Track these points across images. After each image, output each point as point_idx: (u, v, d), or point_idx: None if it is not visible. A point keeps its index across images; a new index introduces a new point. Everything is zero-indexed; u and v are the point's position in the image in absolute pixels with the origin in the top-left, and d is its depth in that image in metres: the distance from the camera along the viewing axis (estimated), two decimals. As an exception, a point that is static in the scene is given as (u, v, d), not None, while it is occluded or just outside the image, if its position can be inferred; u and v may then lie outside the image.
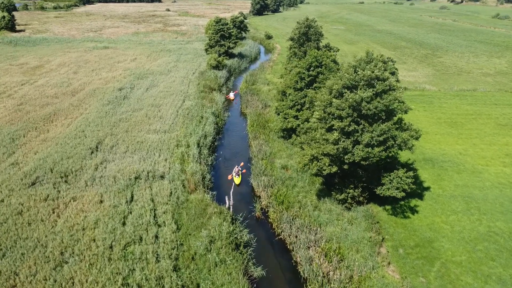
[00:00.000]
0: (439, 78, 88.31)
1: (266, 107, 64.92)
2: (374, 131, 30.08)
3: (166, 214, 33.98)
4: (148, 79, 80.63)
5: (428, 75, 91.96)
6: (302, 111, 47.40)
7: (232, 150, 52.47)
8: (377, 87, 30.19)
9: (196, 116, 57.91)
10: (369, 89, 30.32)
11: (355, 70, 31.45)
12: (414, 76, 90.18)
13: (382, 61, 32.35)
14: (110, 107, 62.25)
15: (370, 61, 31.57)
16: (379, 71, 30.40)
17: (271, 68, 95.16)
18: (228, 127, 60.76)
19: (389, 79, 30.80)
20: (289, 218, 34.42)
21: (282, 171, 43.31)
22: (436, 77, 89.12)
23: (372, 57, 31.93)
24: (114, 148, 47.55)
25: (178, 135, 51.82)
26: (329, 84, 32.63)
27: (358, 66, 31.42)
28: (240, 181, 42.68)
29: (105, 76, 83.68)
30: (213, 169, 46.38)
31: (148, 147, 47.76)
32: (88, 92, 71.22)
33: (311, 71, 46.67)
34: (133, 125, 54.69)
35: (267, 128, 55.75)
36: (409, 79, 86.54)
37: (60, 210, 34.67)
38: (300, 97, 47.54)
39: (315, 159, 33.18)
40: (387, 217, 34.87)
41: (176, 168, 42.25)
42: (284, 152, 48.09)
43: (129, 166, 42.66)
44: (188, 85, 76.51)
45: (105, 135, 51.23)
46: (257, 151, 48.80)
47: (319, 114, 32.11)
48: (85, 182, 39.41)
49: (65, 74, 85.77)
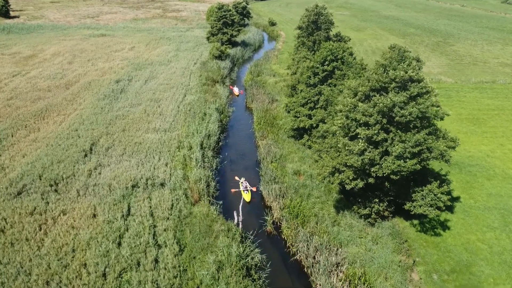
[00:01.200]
0: (454, 69, 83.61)
1: (273, 102, 60.60)
2: (407, 141, 25.94)
3: (167, 232, 30.08)
4: (147, 70, 76.07)
5: (442, 65, 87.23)
6: (316, 110, 43.14)
7: (238, 151, 48.39)
8: (412, 89, 25.94)
9: (199, 113, 53.66)
10: (402, 92, 26.08)
11: (385, 70, 27.13)
12: (427, 66, 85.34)
13: (416, 59, 27.98)
14: (106, 102, 57.96)
15: (402, 59, 27.22)
16: (414, 71, 26.11)
17: (276, 58, 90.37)
18: (233, 124, 56.55)
19: (425, 80, 26.52)
20: (305, 236, 30.52)
21: (295, 177, 39.30)
22: (451, 68, 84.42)
23: (404, 54, 27.55)
24: (109, 150, 43.47)
25: (179, 134, 47.67)
26: (353, 86, 28.35)
27: (388, 65, 27.09)
28: (250, 197, 37.95)
29: (101, 67, 79.07)
30: (218, 173, 42.37)
31: (147, 149, 43.68)
32: (83, 84, 66.80)
33: (326, 65, 42.24)
34: (131, 123, 50.50)
35: (275, 126, 51.55)
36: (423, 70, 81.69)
37: (48, 226, 30.79)
38: (313, 94, 43.22)
39: (336, 171, 29.13)
40: (415, 235, 30.99)
41: (177, 175, 38.24)
42: (295, 154, 44.00)
43: (126, 172, 38.66)
44: (189, 77, 72.01)
45: (100, 135, 47.09)
46: (266, 153, 44.72)
47: (342, 121, 27.89)
48: (77, 192, 35.46)
49: (59, 65, 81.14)
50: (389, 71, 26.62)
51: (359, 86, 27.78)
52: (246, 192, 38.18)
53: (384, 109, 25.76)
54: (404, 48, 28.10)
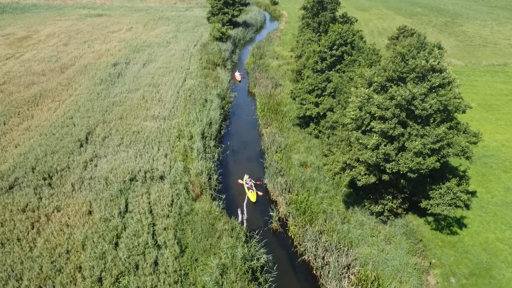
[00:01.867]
0: (464, 51, 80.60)
1: (277, 87, 58.11)
2: (427, 136, 23.82)
3: (167, 231, 28.30)
4: (145, 53, 73.26)
5: (451, 46, 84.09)
6: (323, 97, 40.85)
7: (241, 140, 46.30)
8: (433, 80, 23.66)
9: (199, 99, 51.31)
10: (422, 83, 23.81)
11: (403, 59, 24.76)
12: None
13: (437, 46, 25.59)
14: (103, 87, 55.54)
15: (422, 47, 24.82)
16: (435, 60, 23.77)
17: (279, 39, 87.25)
18: (235, 110, 54.26)
19: (447, 70, 24.22)
20: (313, 235, 28.75)
21: (301, 169, 37.34)
22: (460, 49, 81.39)
23: (424, 41, 25.13)
24: (106, 140, 41.39)
25: (179, 122, 45.49)
26: (367, 75, 26.00)
27: (407, 53, 24.70)
28: (255, 197, 35.20)
29: (98, 49, 76.23)
30: (220, 164, 40.41)
31: (145, 138, 41.59)
32: (78, 68, 64.22)
33: (335, 50, 39.71)
34: (129, 110, 48.25)
35: (279, 113, 49.28)
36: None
37: (40, 224, 29.02)
38: (320, 81, 40.83)
39: (348, 167, 27.11)
40: (430, 233, 29.21)
41: (178, 167, 36.28)
42: (301, 144, 41.92)
43: (124, 163, 36.70)
44: (189, 60, 69.28)
45: (97, 123, 44.93)
46: (270, 143, 42.64)
47: (355, 113, 25.67)
48: (71, 186, 33.59)
49: (54, 47, 78.29)
50: (408, 60, 24.27)
51: (374, 76, 25.46)
52: (251, 191, 35.44)
53: (402, 102, 23.54)
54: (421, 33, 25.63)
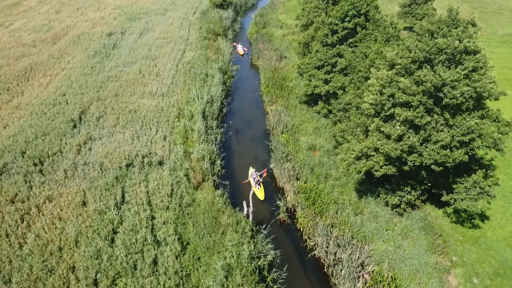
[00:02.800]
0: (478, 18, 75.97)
1: (282, 59, 54.71)
2: (456, 126, 21.24)
3: (167, 225, 26.24)
4: (142, 21, 69.17)
5: (465, 14, 79.35)
6: (334, 74, 37.83)
7: (245, 119, 43.59)
8: (466, 64, 20.79)
9: (200, 74, 48.14)
10: (454, 67, 20.95)
11: (432, 37, 21.75)
12: (449, 15, 77.82)
13: (471, 23, 22.51)
14: (97, 60, 52.25)
15: (454, 24, 21.76)
16: (469, 41, 20.81)
17: (283, 6, 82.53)
18: (237, 85, 51.17)
19: (482, 52, 21.31)
20: (324, 229, 26.72)
21: (309, 153, 34.93)
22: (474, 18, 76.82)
23: (456, 17, 22.04)
24: (101, 120, 38.78)
25: (178, 100, 42.67)
26: (390, 56, 23.02)
27: (436, 31, 21.66)
28: (264, 195, 31.79)
29: (92, 17, 72.07)
30: (223, 146, 37.97)
31: (142, 118, 38.94)
32: (71, 38, 60.54)
33: (347, 22, 36.31)
34: (124, 86, 45.28)
35: (285, 88, 46.29)
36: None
37: (31, 217, 26.97)
38: (330, 56, 37.67)
39: (363, 156, 24.68)
40: (450, 227, 27.16)
41: (178, 151, 33.87)
42: (309, 124, 39.28)
43: (120, 147, 34.28)
44: (188, 29, 65.33)
45: (91, 101, 42.13)
46: (275, 122, 40.03)
47: (374, 97, 22.94)
48: (64, 172, 31.32)
49: (45, 14, 74.09)
50: (437, 39, 21.27)
51: (397, 57, 22.51)
52: (259, 188, 32.03)
53: (431, 88, 20.77)
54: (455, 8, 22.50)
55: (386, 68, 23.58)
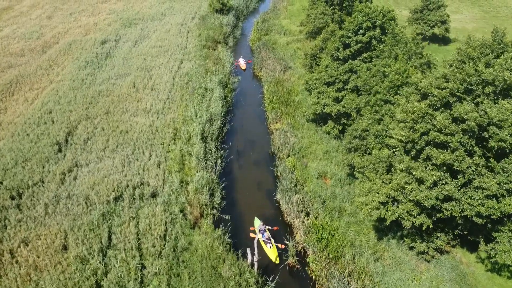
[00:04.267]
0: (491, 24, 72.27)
1: (286, 70, 51.10)
2: (504, 172, 17.67)
3: (158, 277, 22.69)
4: (138, 28, 65.51)
5: (476, 18, 76.05)
6: (346, 91, 34.27)
7: (247, 138, 40.00)
8: (517, 98, 17.24)
9: (198, 88, 44.53)
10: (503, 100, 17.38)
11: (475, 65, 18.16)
12: (459, 20, 74.33)
13: (521, 47, 18.93)
14: (88, 72, 48.67)
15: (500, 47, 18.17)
16: (521, 70, 17.24)
17: (286, 10, 78.87)
18: (238, 98, 47.49)
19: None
20: (341, 280, 23.14)
21: (320, 181, 31.37)
22: (486, 22, 73.30)
23: (502, 39, 18.45)
24: (89, 142, 35.23)
25: (175, 118, 39.08)
26: (423, 86, 19.45)
27: (478, 58, 18.08)
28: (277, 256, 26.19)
29: (85, 23, 68.45)
30: (223, 172, 34.34)
31: (135, 140, 35.38)
32: (62, 47, 56.94)
33: (361, 35, 32.75)
34: (116, 102, 41.69)
35: (290, 104, 42.70)
36: (455, 25, 70.85)
37: (3, 265, 23.42)
38: (342, 72, 34.10)
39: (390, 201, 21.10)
40: (485, 277, 23.59)
41: (173, 181, 30.29)
42: (318, 146, 35.73)
43: (108, 176, 30.73)
44: (186, 37, 61.68)
45: (79, 119, 38.59)
46: (281, 144, 36.48)
47: (405, 133, 19.36)
48: (44, 207, 27.77)
49: (37, 20, 70.45)
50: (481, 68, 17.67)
51: (432, 88, 18.92)
52: (270, 247, 26.44)
53: (474, 128, 17.20)
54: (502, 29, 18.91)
55: (416, 96, 19.99)
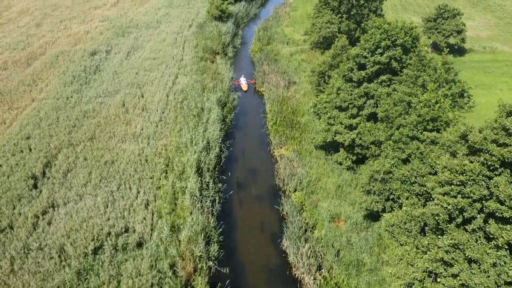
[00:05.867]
0: (507, 31, 68.46)
1: (290, 85, 46.91)
2: None
3: None
4: (131, 37, 61.35)
5: (490, 25, 71.90)
6: (360, 118, 30.11)
7: (248, 166, 35.76)
8: None
9: (194, 108, 40.32)
10: None
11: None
12: (472, 27, 70.04)
13: None
14: (75, 88, 44.50)
15: None
16: None
17: (288, 17, 74.68)
18: (238, 119, 43.20)
19: None
20: None
21: (332, 225, 27.16)
22: (501, 29, 69.23)
23: None
24: (69, 175, 31.04)
25: (167, 145, 34.89)
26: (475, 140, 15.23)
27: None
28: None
29: (75, 31, 64.30)
30: (221, 210, 30.08)
31: (121, 172, 31.20)
32: (48, 59, 52.83)
33: (378, 55, 28.57)
34: (103, 125, 37.52)
35: (296, 126, 38.53)
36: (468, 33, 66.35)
37: None
38: (357, 96, 29.92)
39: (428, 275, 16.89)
40: None
41: (163, 228, 26.08)
42: (328, 179, 31.54)
43: (88, 219, 26.55)
44: (182, 47, 57.49)
45: (60, 146, 34.44)
46: (287, 175, 32.32)
47: (452, 201, 15.15)
48: (10, 262, 23.60)
49: (24, 28, 66.40)
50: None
51: (487, 142, 14.73)
52: None
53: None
54: None
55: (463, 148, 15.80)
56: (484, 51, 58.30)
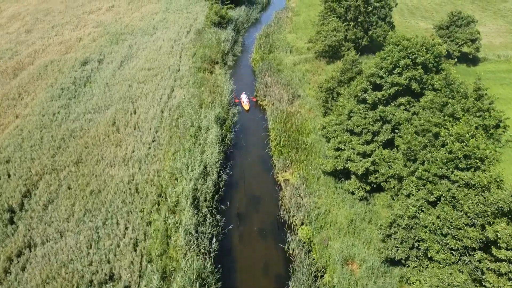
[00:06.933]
0: (520, 38, 65.17)
1: (294, 99, 43.70)
2: None
3: None
4: (125, 44, 58.09)
5: (502, 31, 68.66)
6: (376, 143, 26.89)
7: (249, 193, 32.47)
8: None
9: (191, 127, 37.08)
10: None
11: None
12: (484, 34, 66.53)
13: None
14: (62, 103, 41.29)
15: None
16: None
17: (291, 22, 71.38)
18: (238, 137, 39.80)
19: None
20: None
21: (346, 269, 23.93)
22: (515, 36, 65.98)
23: None
24: (50, 207, 27.81)
25: (160, 170, 31.65)
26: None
27: None
28: None
29: (67, 38, 61.09)
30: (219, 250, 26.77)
31: (108, 203, 27.98)
32: (37, 69, 49.62)
33: (396, 74, 25.35)
34: (91, 147, 34.29)
35: (301, 147, 35.32)
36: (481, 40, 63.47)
37: None
38: (372, 120, 26.69)
39: None
40: None
41: (152, 273, 22.84)
42: (339, 210, 28.31)
43: (68, 263, 23.36)
44: (179, 56, 54.23)
45: (42, 172, 31.22)
46: (292, 206, 29.11)
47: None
48: (-25, 320, 20.42)
49: (14, 34, 63.21)
50: None
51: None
52: None
53: None
54: None
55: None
56: (498, 60, 55.06)
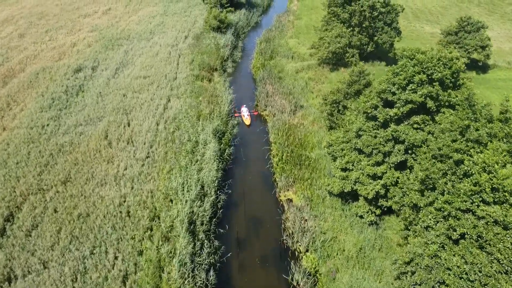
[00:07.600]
0: (532, 44, 63.02)
1: (297, 109, 41.56)
2: None
3: None
4: (121, 50, 55.97)
5: (511, 36, 66.52)
6: (387, 164, 24.74)
7: (249, 215, 30.26)
8: None
9: (188, 141, 34.90)
10: None
11: None
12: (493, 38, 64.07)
13: None
14: (52, 114, 39.16)
15: None
16: None
17: (292, 26, 69.23)
18: (238, 151, 37.56)
19: None
20: None
21: (356, 306, 21.80)
22: (525, 41, 63.84)
23: None
24: (33, 234, 25.64)
25: (154, 191, 29.45)
26: None
27: None
28: None
29: (61, 43, 58.97)
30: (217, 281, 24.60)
31: (97, 229, 25.82)
32: (27, 76, 47.48)
33: (411, 91, 23.20)
34: (80, 163, 32.12)
35: (305, 163, 33.18)
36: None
37: None
38: (383, 140, 24.53)
39: None
40: None
41: (142, 314, 20.74)
42: (347, 236, 26.14)
43: (50, 301, 21.20)
44: (177, 62, 52.06)
45: (27, 193, 29.07)
46: (296, 230, 26.95)
47: None
48: None
49: (6, 39, 61.09)
50: None
51: None
52: None
53: None
54: None
55: None
56: (509, 66, 52.93)
